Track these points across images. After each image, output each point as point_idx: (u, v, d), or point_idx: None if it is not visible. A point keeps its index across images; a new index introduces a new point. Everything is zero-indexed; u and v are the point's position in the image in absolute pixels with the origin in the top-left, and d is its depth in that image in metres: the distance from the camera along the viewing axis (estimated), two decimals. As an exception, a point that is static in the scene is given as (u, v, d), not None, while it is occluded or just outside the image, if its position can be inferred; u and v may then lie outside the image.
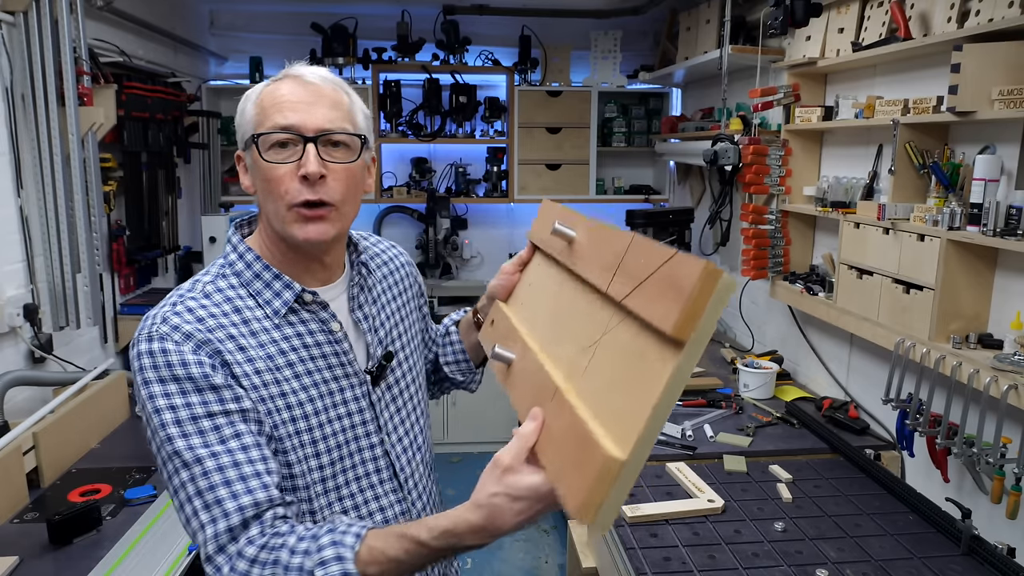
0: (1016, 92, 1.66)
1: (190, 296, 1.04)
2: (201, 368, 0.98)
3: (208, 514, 0.94)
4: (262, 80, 4.03)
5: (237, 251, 1.10)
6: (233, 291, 1.07)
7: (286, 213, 1.04)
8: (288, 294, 1.07)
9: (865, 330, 2.19)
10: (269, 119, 1.03)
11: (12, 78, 2.21)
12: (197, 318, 1.01)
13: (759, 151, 2.69)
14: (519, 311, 1.12)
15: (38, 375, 2.31)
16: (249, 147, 1.05)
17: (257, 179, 1.06)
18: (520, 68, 4.26)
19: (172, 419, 0.96)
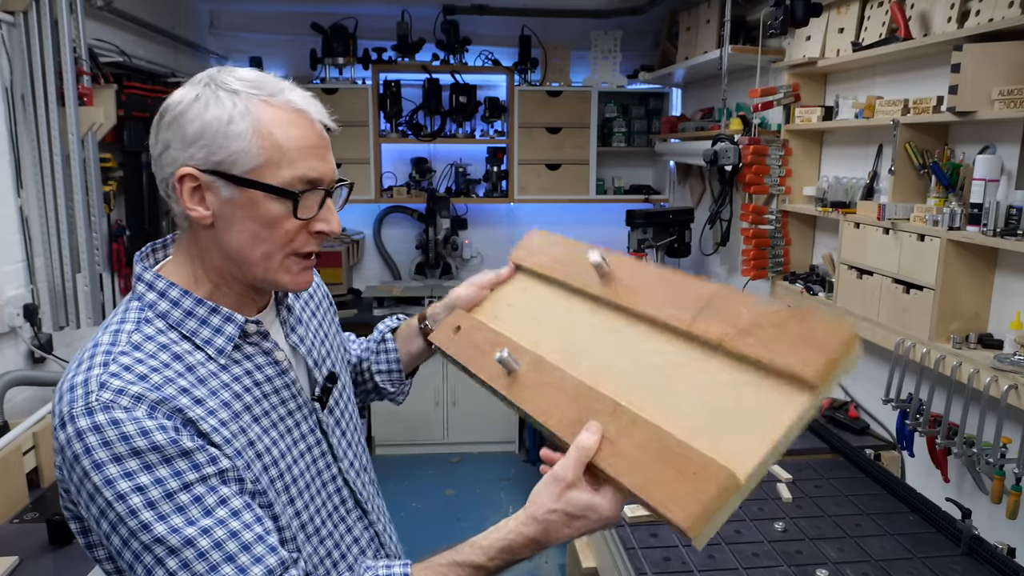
0: (1016, 92, 1.66)
1: (119, 351, 0.86)
2: (164, 433, 0.81)
3: None
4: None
5: (155, 289, 0.93)
6: (164, 336, 0.90)
7: (281, 262, 0.92)
8: (231, 328, 0.93)
9: (865, 330, 2.19)
10: (289, 166, 0.88)
11: (12, 78, 2.21)
12: (139, 375, 0.84)
13: (759, 151, 2.69)
14: (503, 325, 1.11)
15: (38, 375, 2.31)
16: (237, 182, 0.88)
17: (244, 220, 0.89)
18: (520, 68, 4.26)
19: (142, 502, 0.79)
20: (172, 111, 0.89)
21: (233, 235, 0.90)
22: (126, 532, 0.80)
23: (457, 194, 4.40)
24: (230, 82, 0.90)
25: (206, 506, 0.82)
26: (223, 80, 0.90)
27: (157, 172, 0.91)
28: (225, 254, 0.92)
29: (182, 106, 0.88)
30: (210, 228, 0.90)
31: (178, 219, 0.93)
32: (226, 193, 0.88)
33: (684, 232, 3.68)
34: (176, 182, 0.88)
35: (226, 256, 0.92)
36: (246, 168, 0.87)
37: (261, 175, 0.88)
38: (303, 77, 4.24)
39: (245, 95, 0.89)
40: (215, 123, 0.87)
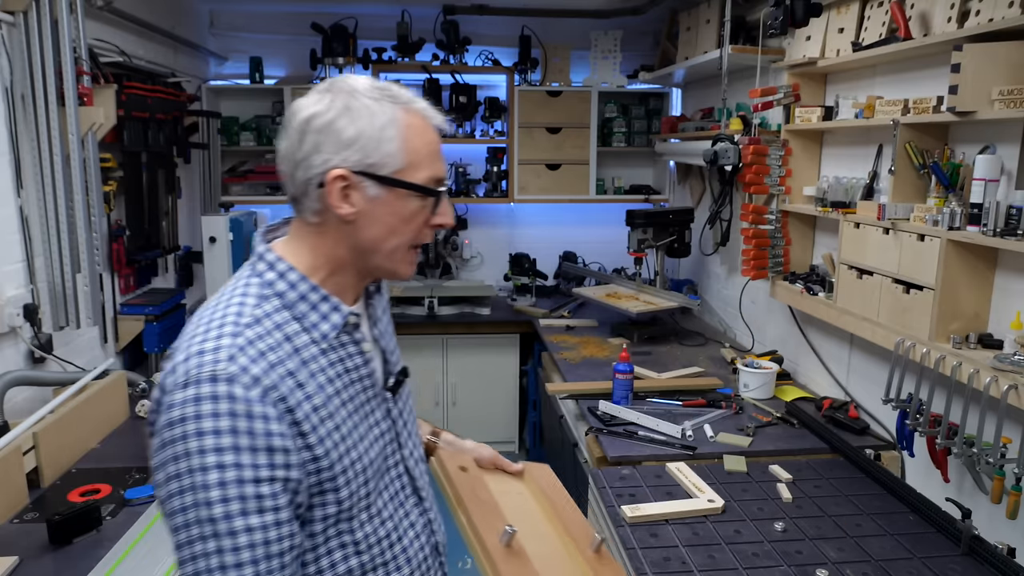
0: (1016, 92, 1.66)
1: (245, 324, 0.93)
2: (266, 424, 0.87)
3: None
4: (262, 80, 4.00)
5: (276, 269, 1.00)
6: (278, 315, 0.96)
7: (405, 253, 1.03)
8: (336, 317, 1.00)
9: (865, 330, 2.19)
10: (426, 167, 0.99)
11: (12, 78, 2.21)
12: (259, 352, 0.90)
13: (759, 151, 2.69)
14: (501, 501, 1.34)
15: (38, 375, 2.31)
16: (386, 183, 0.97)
17: (385, 216, 0.99)
18: (520, 68, 4.26)
19: (217, 480, 0.85)
20: (320, 118, 0.96)
21: (371, 230, 0.99)
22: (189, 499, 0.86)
23: (457, 194, 4.40)
24: (371, 92, 0.98)
25: (262, 506, 0.87)
26: (357, 87, 0.98)
27: (300, 173, 0.97)
28: (355, 247, 1.00)
29: (331, 114, 0.96)
30: (348, 224, 0.98)
31: (305, 213, 1.00)
32: (372, 192, 0.98)
33: (684, 232, 3.68)
34: (329, 181, 0.96)
35: (355, 248, 1.01)
36: (392, 169, 0.97)
37: (405, 176, 0.98)
38: (303, 77, 4.25)
39: (389, 104, 0.97)
40: (369, 129, 0.96)
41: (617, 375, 2.52)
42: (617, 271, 4.33)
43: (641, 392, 2.63)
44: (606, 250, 4.44)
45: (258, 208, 4.00)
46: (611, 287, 3.91)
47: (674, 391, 2.68)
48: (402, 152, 0.97)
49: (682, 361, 3.07)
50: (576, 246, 4.52)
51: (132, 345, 3.00)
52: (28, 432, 1.94)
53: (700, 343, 3.40)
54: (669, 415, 2.43)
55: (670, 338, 3.45)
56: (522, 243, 4.60)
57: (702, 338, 3.46)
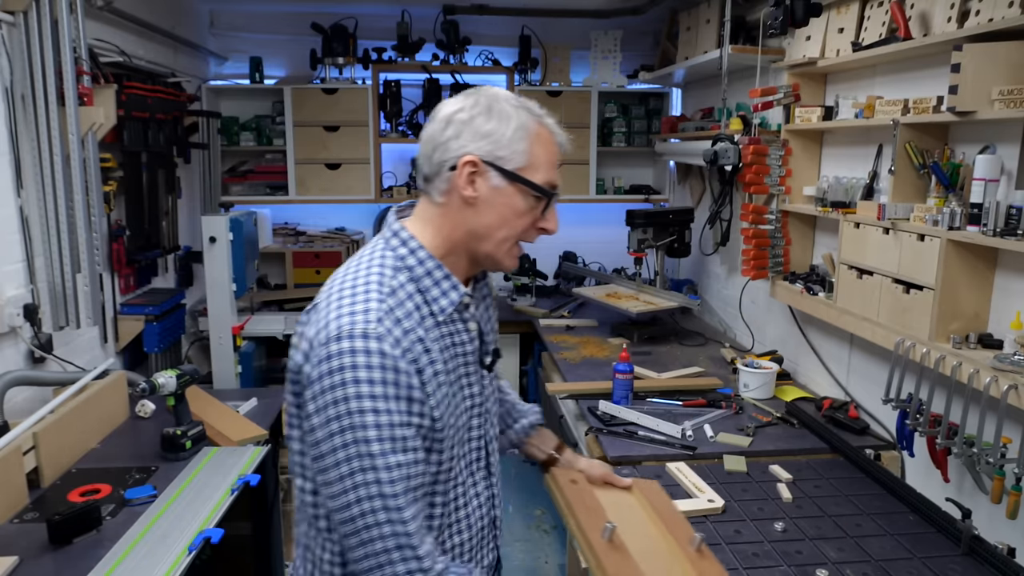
0: (1016, 92, 1.66)
1: (386, 293, 1.07)
2: (408, 378, 1.03)
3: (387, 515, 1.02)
4: (262, 80, 3.99)
5: (408, 246, 1.13)
6: (408, 287, 1.10)
7: (511, 247, 1.16)
8: (455, 295, 1.13)
9: (865, 330, 2.19)
10: (543, 172, 1.13)
11: (12, 78, 2.21)
12: (397, 319, 1.05)
13: (759, 151, 2.69)
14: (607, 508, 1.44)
15: (38, 375, 2.31)
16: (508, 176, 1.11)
17: (501, 207, 1.12)
18: (520, 68, 4.26)
19: (373, 421, 1.00)
20: (464, 112, 1.11)
21: (487, 216, 1.12)
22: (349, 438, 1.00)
23: (457, 194, 4.39)
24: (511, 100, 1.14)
25: (406, 446, 1.03)
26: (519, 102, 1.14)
27: (437, 155, 1.12)
28: (471, 230, 1.13)
29: (475, 111, 1.11)
30: (469, 207, 1.12)
31: (433, 193, 1.14)
32: (495, 182, 1.11)
33: (684, 232, 3.67)
34: (461, 164, 1.10)
35: (471, 232, 1.14)
36: (516, 166, 1.11)
37: (525, 174, 1.12)
38: (303, 77, 4.25)
39: (524, 112, 1.13)
40: (503, 128, 1.10)
41: (617, 375, 2.52)
42: (617, 271, 4.33)
43: (641, 392, 2.63)
44: (606, 250, 4.44)
45: (258, 208, 4.00)
46: (611, 287, 3.91)
47: (674, 391, 2.68)
48: (527, 154, 1.11)
49: (682, 361, 3.06)
50: (576, 246, 4.52)
51: (132, 345, 3.00)
52: (28, 432, 1.94)
53: (700, 343, 3.40)
54: (669, 415, 2.43)
55: (670, 338, 3.45)
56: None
57: (702, 338, 3.46)
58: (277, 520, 2.53)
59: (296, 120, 4.12)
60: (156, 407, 2.45)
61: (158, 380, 2.19)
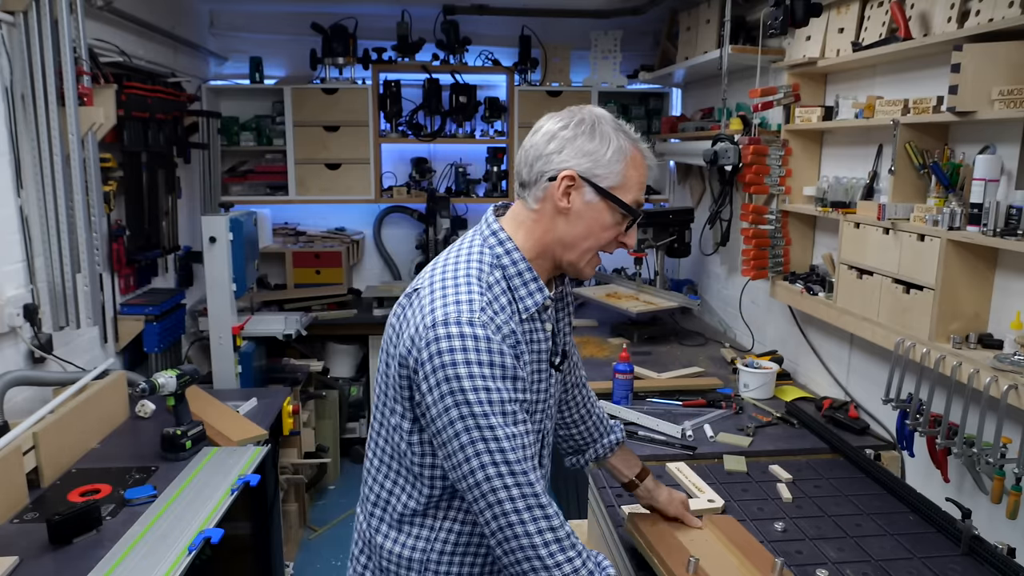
0: (1016, 92, 1.66)
1: (486, 287, 1.19)
2: (511, 359, 1.15)
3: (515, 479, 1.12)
4: (262, 80, 4.00)
5: (504, 247, 1.24)
6: (500, 284, 1.21)
7: (592, 258, 1.26)
8: (539, 296, 1.24)
9: (865, 330, 2.19)
10: (631, 192, 1.23)
11: (12, 78, 2.21)
12: (495, 311, 1.17)
13: (759, 151, 2.69)
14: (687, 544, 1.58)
15: (38, 375, 2.31)
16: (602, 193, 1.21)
17: (590, 220, 1.23)
18: (520, 68, 4.26)
19: (487, 398, 1.11)
20: (569, 131, 1.23)
21: (576, 227, 1.23)
22: (466, 412, 1.11)
23: (457, 194, 4.40)
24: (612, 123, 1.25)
25: (517, 419, 1.14)
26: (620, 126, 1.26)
27: (539, 165, 1.24)
28: (560, 239, 1.24)
29: (580, 129, 1.23)
30: (561, 216, 1.23)
31: (529, 199, 1.25)
32: (589, 197, 1.22)
33: (684, 232, 3.67)
34: (561, 177, 1.21)
35: (559, 240, 1.24)
36: (609, 184, 1.22)
37: (617, 192, 1.22)
38: (303, 77, 4.25)
39: (624, 136, 1.24)
40: (603, 148, 1.21)
41: (617, 375, 2.52)
42: (617, 271, 4.33)
43: (641, 392, 2.63)
44: (606, 250, 4.44)
45: (258, 208, 4.00)
46: (611, 287, 3.91)
47: (674, 391, 2.68)
48: (621, 175, 1.22)
49: (682, 361, 3.06)
50: (576, 246, 4.52)
51: (132, 345, 3.00)
52: (28, 432, 1.94)
53: (700, 343, 3.40)
54: (669, 415, 2.43)
55: (670, 338, 3.45)
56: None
57: (702, 338, 3.46)
58: (277, 520, 2.53)
59: (296, 120, 4.12)
60: (156, 407, 2.45)
61: (158, 380, 2.19)
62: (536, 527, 1.12)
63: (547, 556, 1.12)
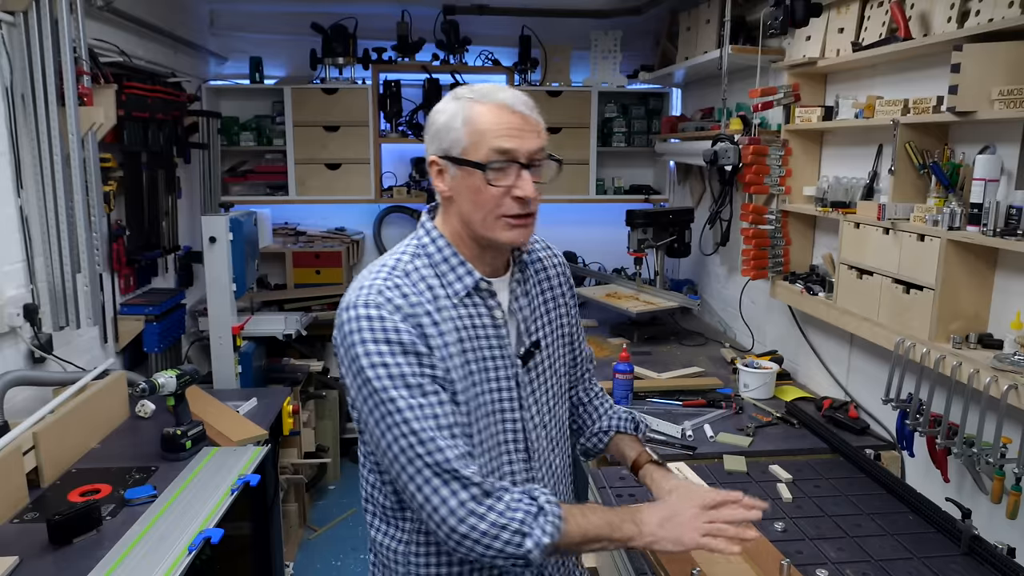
0: (1016, 92, 1.66)
1: (396, 275, 1.22)
2: (409, 335, 1.16)
3: (423, 448, 1.13)
4: (262, 80, 3.99)
5: (430, 235, 1.27)
6: (426, 271, 1.24)
7: (494, 221, 1.21)
8: (469, 280, 1.24)
9: (865, 330, 2.19)
10: (487, 143, 1.18)
11: (12, 78, 2.21)
12: (402, 293, 1.19)
13: (759, 151, 2.69)
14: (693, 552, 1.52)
15: (38, 375, 2.31)
16: (459, 164, 1.20)
17: (464, 191, 1.21)
18: (520, 68, 4.26)
19: (385, 373, 1.15)
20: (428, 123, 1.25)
21: (462, 204, 1.23)
22: (369, 389, 1.15)
23: (457, 194, 4.39)
24: (459, 93, 1.23)
25: (424, 391, 1.16)
26: (457, 93, 1.24)
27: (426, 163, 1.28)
28: (460, 219, 1.25)
29: (431, 115, 1.25)
30: (450, 200, 1.25)
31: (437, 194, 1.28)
32: (452, 172, 1.22)
33: (684, 232, 3.67)
34: (428, 167, 1.25)
35: (463, 220, 1.25)
36: (459, 151, 1.20)
37: (468, 155, 1.19)
38: (303, 77, 4.25)
39: (462, 101, 1.21)
40: (440, 120, 1.22)
41: (617, 375, 2.52)
42: (617, 271, 4.33)
43: (641, 392, 2.63)
44: (606, 250, 4.44)
45: (258, 208, 4.00)
46: (611, 287, 3.91)
47: (674, 391, 2.68)
48: (465, 136, 1.19)
49: (682, 361, 3.06)
50: (576, 246, 4.52)
51: (132, 345, 3.00)
52: (28, 432, 1.94)
53: (700, 343, 3.40)
54: (669, 415, 2.43)
55: (670, 338, 3.45)
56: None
57: (702, 338, 3.46)
58: (277, 520, 2.53)
59: (296, 120, 4.12)
60: (156, 407, 2.45)
61: (158, 380, 2.19)
62: (450, 489, 1.13)
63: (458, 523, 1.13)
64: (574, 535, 1.18)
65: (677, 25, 3.84)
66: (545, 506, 1.17)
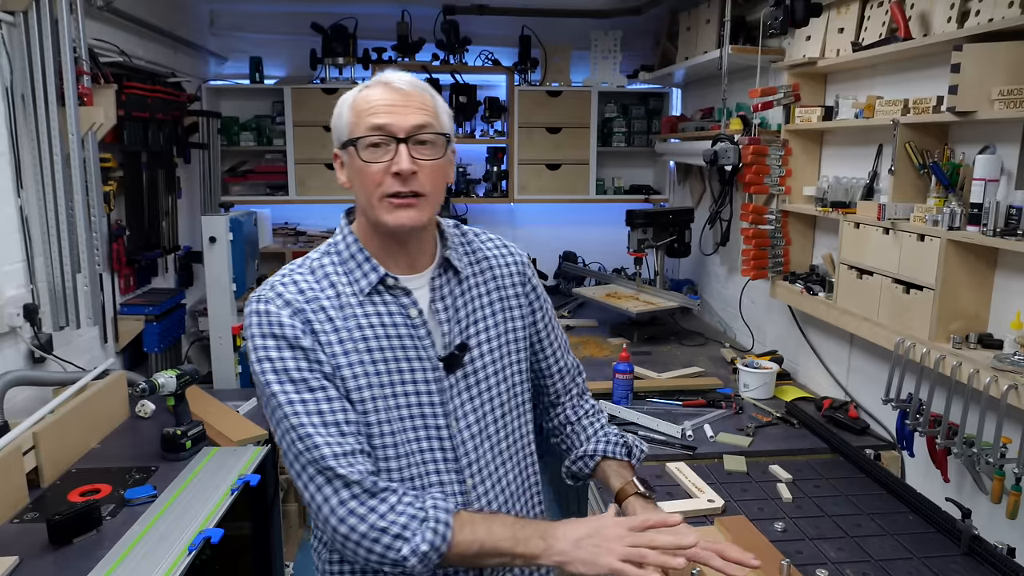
0: (1016, 92, 1.66)
1: (298, 271, 1.22)
2: (294, 331, 1.14)
3: (303, 444, 1.11)
4: (262, 80, 4.00)
5: (342, 233, 1.25)
6: (333, 267, 1.22)
7: (378, 203, 1.16)
8: (373, 276, 1.20)
9: (865, 330, 2.19)
10: (364, 122, 1.16)
11: (12, 78, 2.21)
12: (299, 290, 1.18)
13: (759, 151, 2.69)
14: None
15: (38, 375, 2.31)
16: (346, 148, 1.18)
17: (354, 175, 1.19)
18: (520, 68, 4.26)
19: (271, 368, 1.13)
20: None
21: (356, 192, 1.21)
22: (262, 382, 1.15)
23: (457, 194, 4.40)
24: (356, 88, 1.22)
25: (310, 386, 1.13)
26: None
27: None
28: (360, 210, 1.23)
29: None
30: (352, 191, 1.22)
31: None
32: (345, 159, 1.21)
33: (684, 232, 3.67)
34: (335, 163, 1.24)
35: (361, 211, 1.23)
36: (343, 136, 1.20)
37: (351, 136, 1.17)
38: (303, 77, 4.25)
39: (356, 89, 1.21)
40: (336, 116, 1.22)
41: (617, 375, 2.52)
42: (617, 271, 4.33)
43: (641, 392, 2.63)
44: (606, 250, 4.44)
45: (258, 208, 4.00)
46: (611, 287, 3.91)
47: (674, 391, 2.68)
48: (349, 120, 1.18)
49: (682, 361, 3.06)
50: (576, 246, 4.52)
51: (132, 345, 3.00)
52: (28, 432, 1.94)
53: (700, 343, 3.40)
54: (669, 415, 2.43)
55: (670, 338, 3.45)
56: (522, 243, 4.52)
57: (702, 338, 3.46)
58: (277, 520, 2.53)
59: (296, 120, 4.12)
60: (156, 407, 2.45)
61: (158, 380, 2.19)
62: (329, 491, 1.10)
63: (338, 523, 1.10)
64: (466, 546, 1.11)
65: (677, 25, 3.84)
66: (430, 512, 1.11)
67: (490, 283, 1.32)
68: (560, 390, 1.47)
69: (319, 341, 1.15)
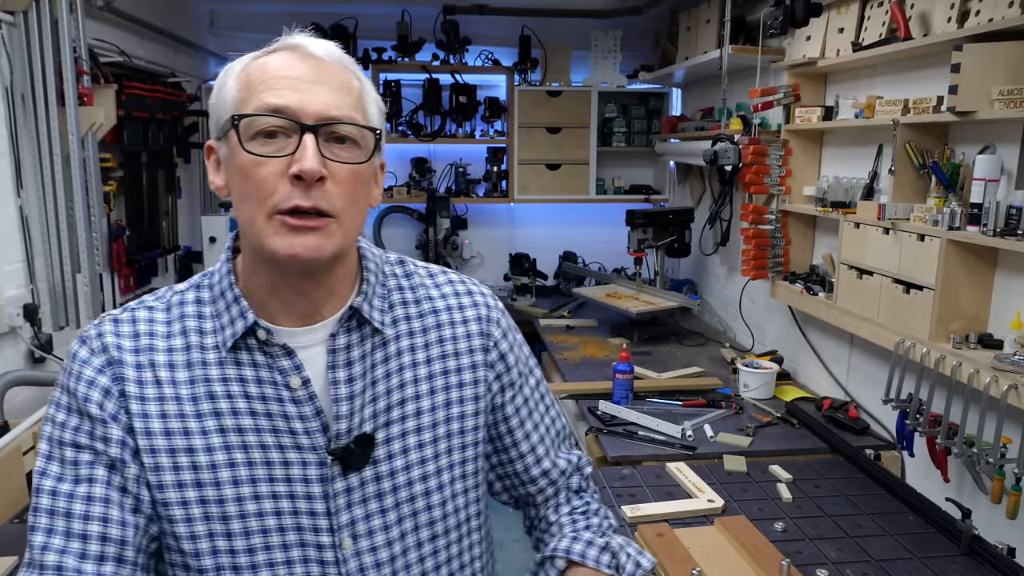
0: (1016, 92, 1.66)
1: (152, 303, 0.88)
2: (88, 389, 0.82)
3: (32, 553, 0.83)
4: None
5: (221, 260, 0.90)
6: (196, 307, 0.87)
7: (265, 222, 0.78)
8: (240, 324, 0.84)
9: (865, 330, 2.19)
10: (255, 98, 0.79)
11: (12, 78, 2.21)
12: (134, 332, 0.85)
13: (759, 151, 2.69)
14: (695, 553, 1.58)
15: (38, 375, 2.31)
16: (226, 135, 0.81)
17: (234, 176, 0.81)
18: (520, 68, 4.26)
19: (47, 433, 0.83)
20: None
21: (235, 199, 0.82)
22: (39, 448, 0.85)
23: (457, 194, 4.40)
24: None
25: (77, 474, 0.81)
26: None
27: None
28: (240, 227, 0.85)
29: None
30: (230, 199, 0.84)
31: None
32: (223, 152, 0.83)
33: (684, 232, 3.67)
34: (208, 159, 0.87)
35: (242, 227, 0.84)
36: (223, 118, 0.82)
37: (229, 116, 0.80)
38: (303, 77, 4.24)
39: (246, 59, 0.85)
40: (216, 89, 0.85)
41: (617, 375, 2.52)
42: (617, 271, 4.33)
43: (641, 392, 2.63)
44: (606, 250, 4.44)
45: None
46: (611, 287, 3.91)
47: (674, 391, 2.68)
48: (235, 100, 0.81)
49: (682, 361, 3.06)
50: (576, 246, 4.52)
51: (132, 345, 2.99)
52: (28, 432, 1.94)
53: (700, 343, 3.40)
54: (669, 415, 2.43)
55: (670, 338, 3.45)
56: (522, 243, 4.60)
57: (702, 338, 3.46)
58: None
59: (296, 120, 4.11)
60: (156, 407, 2.45)
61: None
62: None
63: None
64: None
65: (677, 25, 3.84)
66: None
67: (433, 347, 0.92)
68: (539, 501, 1.07)
69: (127, 410, 0.82)
